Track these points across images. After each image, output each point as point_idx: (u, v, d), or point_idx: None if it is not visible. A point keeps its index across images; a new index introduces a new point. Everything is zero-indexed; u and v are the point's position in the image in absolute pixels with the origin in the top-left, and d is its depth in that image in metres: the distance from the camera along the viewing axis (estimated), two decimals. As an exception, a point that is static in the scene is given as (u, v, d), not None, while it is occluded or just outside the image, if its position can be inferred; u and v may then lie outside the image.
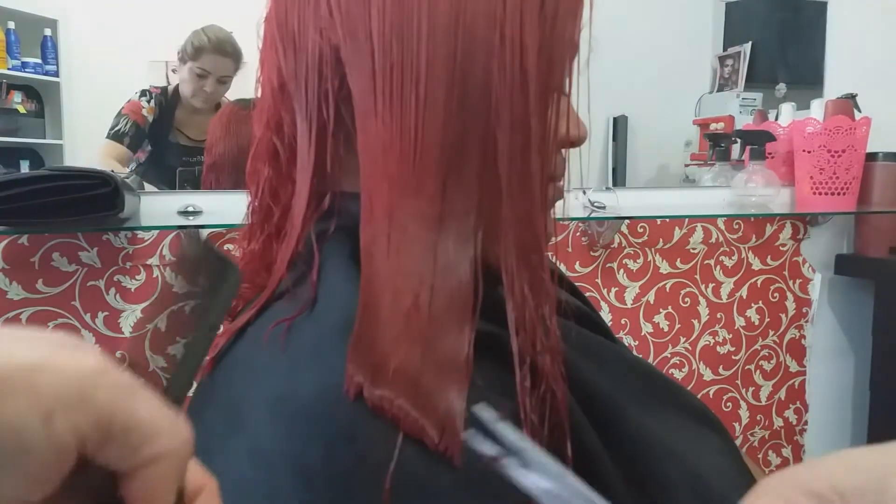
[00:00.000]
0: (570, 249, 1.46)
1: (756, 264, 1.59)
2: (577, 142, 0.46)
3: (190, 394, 0.41)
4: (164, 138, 1.37)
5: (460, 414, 0.32)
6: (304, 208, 0.40)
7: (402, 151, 0.36)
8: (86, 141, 1.34)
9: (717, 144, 1.61)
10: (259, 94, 0.44)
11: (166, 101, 1.36)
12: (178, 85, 1.36)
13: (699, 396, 1.56)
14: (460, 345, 0.34)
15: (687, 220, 1.51)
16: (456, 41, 0.36)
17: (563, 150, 0.46)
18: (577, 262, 1.46)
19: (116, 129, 1.33)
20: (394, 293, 0.34)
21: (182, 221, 1.20)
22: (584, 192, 1.41)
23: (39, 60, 1.32)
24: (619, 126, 1.64)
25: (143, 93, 1.34)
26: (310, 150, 0.40)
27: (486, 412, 0.30)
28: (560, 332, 0.42)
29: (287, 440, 0.31)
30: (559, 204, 0.49)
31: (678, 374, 1.55)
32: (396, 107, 0.36)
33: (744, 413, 1.62)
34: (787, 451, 1.66)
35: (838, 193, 1.46)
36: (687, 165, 1.76)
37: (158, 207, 1.23)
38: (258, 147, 0.43)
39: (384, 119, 0.36)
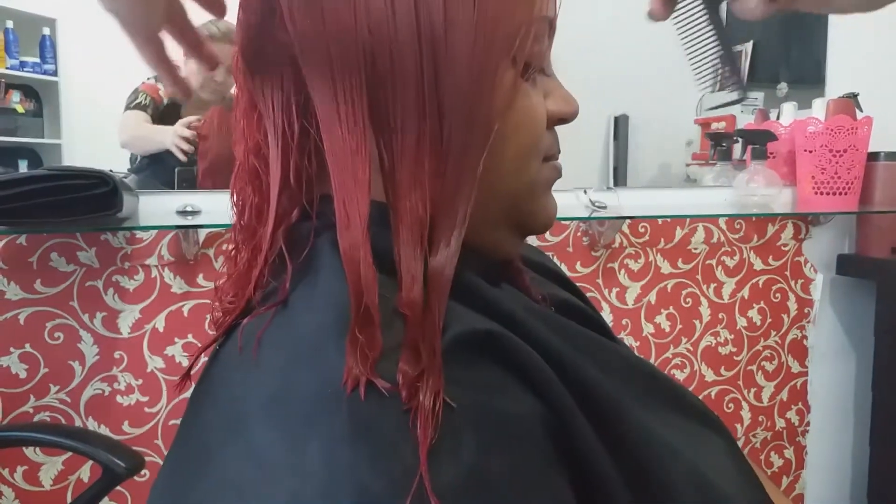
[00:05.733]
0: (570, 249, 1.45)
1: (758, 264, 1.59)
2: (567, 117, 0.46)
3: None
4: None
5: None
6: (272, 222, 0.41)
7: (370, 156, 0.37)
8: (84, 140, 1.33)
9: (719, 144, 1.60)
10: (238, 119, 0.44)
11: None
12: None
13: (701, 397, 1.56)
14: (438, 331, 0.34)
15: (688, 219, 1.51)
16: (412, 37, 0.37)
17: (555, 129, 0.46)
18: (578, 262, 1.46)
19: (137, 101, 1.31)
20: (386, 293, 0.34)
21: (180, 221, 1.19)
22: (585, 192, 1.40)
23: (38, 60, 1.31)
24: (621, 125, 1.64)
25: (157, 78, 1.33)
26: (277, 165, 0.41)
27: None
28: (561, 331, 0.42)
29: (285, 440, 0.31)
30: (559, 204, 0.49)
31: (680, 375, 1.55)
32: (360, 111, 0.37)
33: (745, 414, 1.61)
34: (789, 453, 1.66)
35: (840, 193, 1.45)
36: (688, 165, 1.76)
37: (157, 207, 1.23)
38: (240, 170, 0.44)
39: (349, 125, 0.37)
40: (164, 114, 1.34)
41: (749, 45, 1.71)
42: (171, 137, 1.31)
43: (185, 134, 1.31)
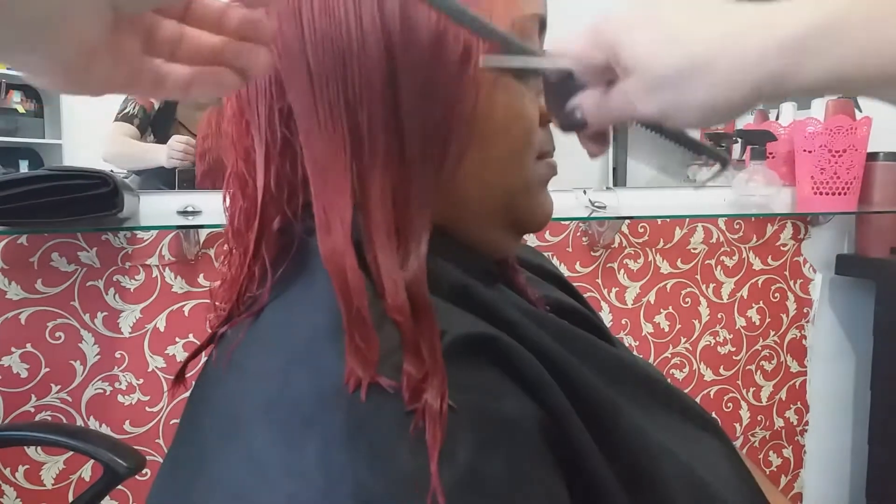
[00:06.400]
0: (570, 249, 1.45)
1: (757, 264, 1.59)
2: None
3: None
4: (166, 134, 1.36)
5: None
6: (256, 228, 0.41)
7: (348, 163, 0.37)
8: (85, 141, 1.33)
9: (718, 144, 1.60)
10: (228, 126, 0.45)
11: None
12: None
13: (699, 397, 1.56)
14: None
15: (688, 219, 1.51)
16: (377, 44, 0.37)
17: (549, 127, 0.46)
18: (578, 263, 1.46)
19: (124, 111, 1.31)
20: (371, 297, 0.35)
21: (181, 221, 1.20)
22: (585, 192, 1.41)
23: (39, 60, 1.31)
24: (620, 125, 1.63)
25: None
26: (261, 172, 0.41)
27: None
28: (557, 333, 0.42)
29: (282, 445, 0.31)
30: (558, 204, 0.49)
31: (679, 375, 1.55)
32: (338, 118, 0.37)
33: (744, 413, 1.61)
34: (787, 452, 1.66)
35: (839, 193, 1.46)
36: (688, 165, 1.76)
37: (158, 207, 1.23)
38: (230, 175, 0.44)
39: (328, 132, 0.37)
40: (156, 120, 1.33)
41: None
42: (167, 151, 1.31)
43: (178, 147, 1.31)
